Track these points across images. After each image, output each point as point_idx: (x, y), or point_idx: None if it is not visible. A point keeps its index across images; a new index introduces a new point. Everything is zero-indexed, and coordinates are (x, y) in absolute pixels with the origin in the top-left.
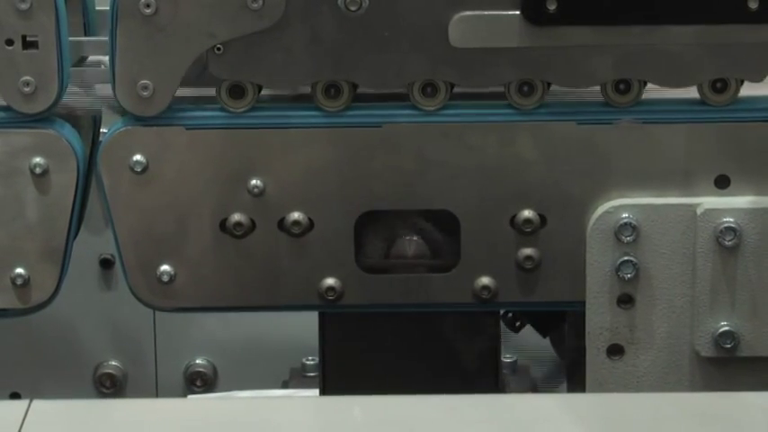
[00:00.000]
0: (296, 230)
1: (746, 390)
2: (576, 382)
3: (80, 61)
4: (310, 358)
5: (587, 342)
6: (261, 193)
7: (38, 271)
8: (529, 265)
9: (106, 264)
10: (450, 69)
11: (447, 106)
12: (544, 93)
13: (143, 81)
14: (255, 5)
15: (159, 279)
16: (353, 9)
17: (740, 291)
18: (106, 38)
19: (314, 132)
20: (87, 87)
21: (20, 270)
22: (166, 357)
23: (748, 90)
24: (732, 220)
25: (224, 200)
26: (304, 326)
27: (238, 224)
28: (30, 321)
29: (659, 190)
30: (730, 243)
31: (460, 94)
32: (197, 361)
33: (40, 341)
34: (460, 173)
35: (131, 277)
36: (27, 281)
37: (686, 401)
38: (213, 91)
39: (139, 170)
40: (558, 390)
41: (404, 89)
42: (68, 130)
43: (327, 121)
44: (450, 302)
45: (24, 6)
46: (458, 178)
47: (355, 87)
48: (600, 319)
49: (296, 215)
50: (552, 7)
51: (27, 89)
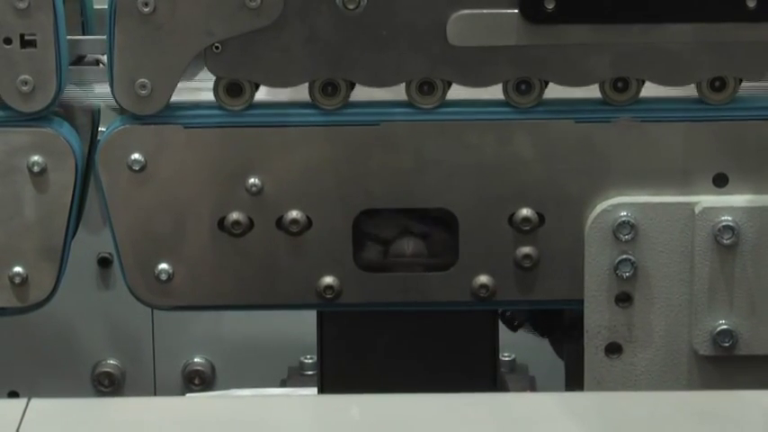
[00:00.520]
0: (294, 229)
1: (744, 388)
2: (575, 381)
3: (78, 60)
4: (308, 357)
5: (585, 341)
6: (259, 192)
7: (36, 269)
8: (527, 264)
9: (104, 262)
10: (448, 68)
11: (445, 104)
12: (542, 91)
13: (141, 80)
14: (254, 4)
15: (157, 278)
16: (351, 7)
17: (738, 289)
18: (104, 36)
19: (312, 131)
20: (85, 86)
21: (18, 269)
22: (165, 356)
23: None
24: (730, 219)
25: (222, 198)
26: (302, 324)
27: (236, 223)
28: (28, 320)
29: (657, 188)
30: (728, 241)
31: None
32: (195, 359)
33: (39, 340)
34: (458, 171)
35: (129, 276)
36: (25, 279)
37: (684, 400)
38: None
39: (137, 169)
40: (557, 388)
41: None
42: (66, 129)
43: (325, 120)
44: (448, 301)
45: (23, 5)
46: (456, 177)
47: (353, 86)
48: (598, 318)
49: (294, 214)
50: (550, 6)
51: (25, 88)
